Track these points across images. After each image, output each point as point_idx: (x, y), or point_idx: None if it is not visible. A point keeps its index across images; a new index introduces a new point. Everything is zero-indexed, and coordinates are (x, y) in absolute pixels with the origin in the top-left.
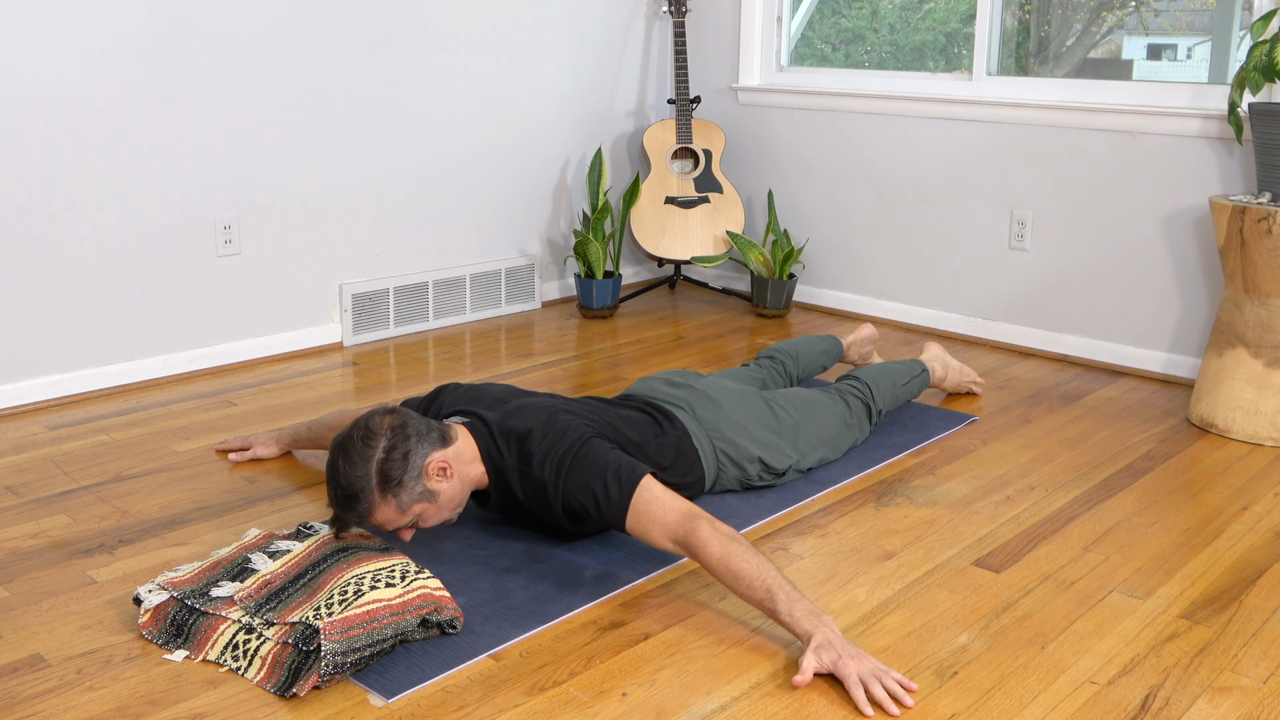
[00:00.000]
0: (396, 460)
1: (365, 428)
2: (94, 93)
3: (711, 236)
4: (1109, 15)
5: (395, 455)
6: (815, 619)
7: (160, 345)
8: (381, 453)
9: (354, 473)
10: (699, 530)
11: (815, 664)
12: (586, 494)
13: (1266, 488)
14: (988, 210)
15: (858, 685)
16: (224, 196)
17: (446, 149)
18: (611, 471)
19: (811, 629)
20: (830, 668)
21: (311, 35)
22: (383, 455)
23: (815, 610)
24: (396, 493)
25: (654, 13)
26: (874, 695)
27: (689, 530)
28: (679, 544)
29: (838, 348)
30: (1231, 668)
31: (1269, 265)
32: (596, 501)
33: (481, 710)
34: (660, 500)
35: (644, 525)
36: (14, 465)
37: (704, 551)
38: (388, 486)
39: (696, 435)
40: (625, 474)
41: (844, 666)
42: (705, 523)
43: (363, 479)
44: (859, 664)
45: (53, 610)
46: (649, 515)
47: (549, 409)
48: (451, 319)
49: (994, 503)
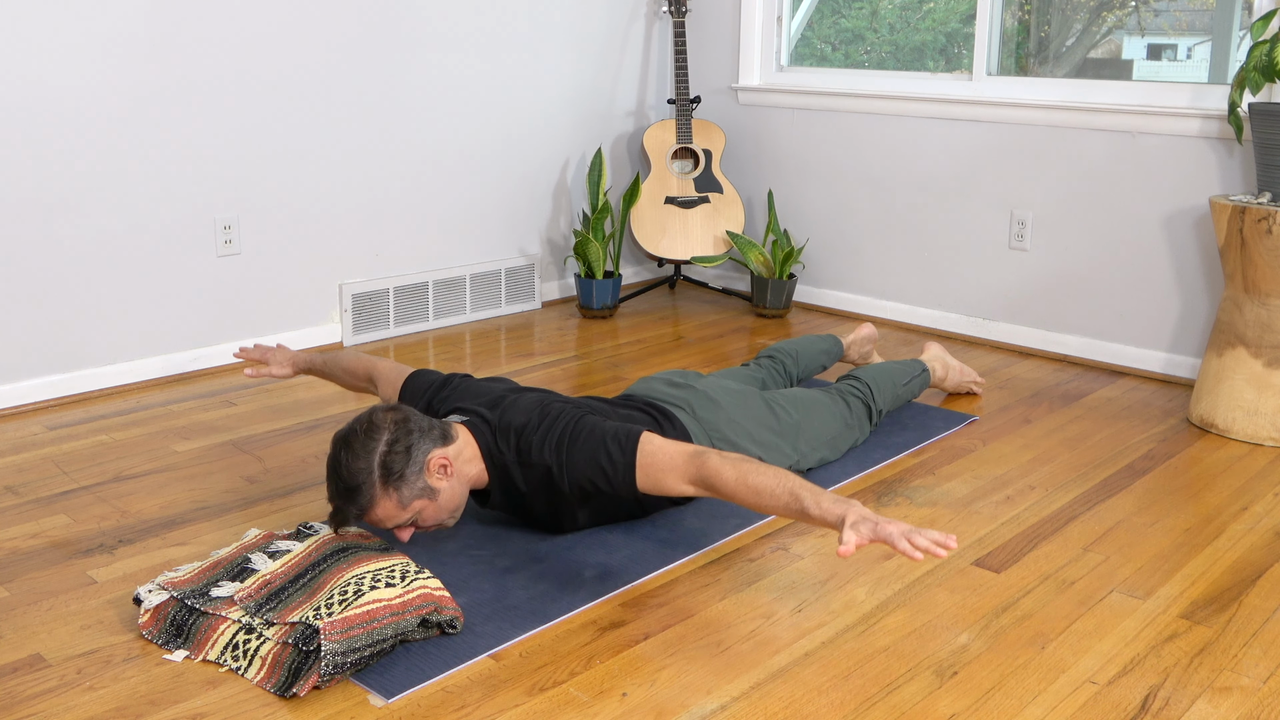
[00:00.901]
0: (399, 454)
1: (368, 422)
2: (94, 93)
3: (711, 236)
4: (1109, 15)
5: (398, 449)
6: (844, 504)
7: (160, 345)
8: (384, 446)
9: (356, 465)
10: (709, 461)
11: (856, 538)
12: (593, 467)
13: (1266, 488)
14: (988, 210)
15: (902, 539)
16: (224, 196)
17: (446, 149)
18: (610, 438)
19: (843, 512)
20: (872, 536)
21: (312, 35)
22: (385, 448)
23: (841, 498)
24: (398, 487)
25: (654, 13)
26: (918, 544)
27: (700, 464)
28: (694, 482)
29: (838, 347)
30: (1231, 668)
31: (1269, 265)
32: (604, 471)
33: (481, 710)
34: (664, 448)
35: (655, 477)
36: (14, 465)
37: (720, 479)
38: (389, 480)
39: (696, 435)
40: (624, 436)
41: (883, 529)
42: (714, 454)
43: (365, 471)
44: (896, 526)
45: (53, 610)
46: (657, 465)
47: (540, 400)
48: (451, 319)
49: (994, 503)
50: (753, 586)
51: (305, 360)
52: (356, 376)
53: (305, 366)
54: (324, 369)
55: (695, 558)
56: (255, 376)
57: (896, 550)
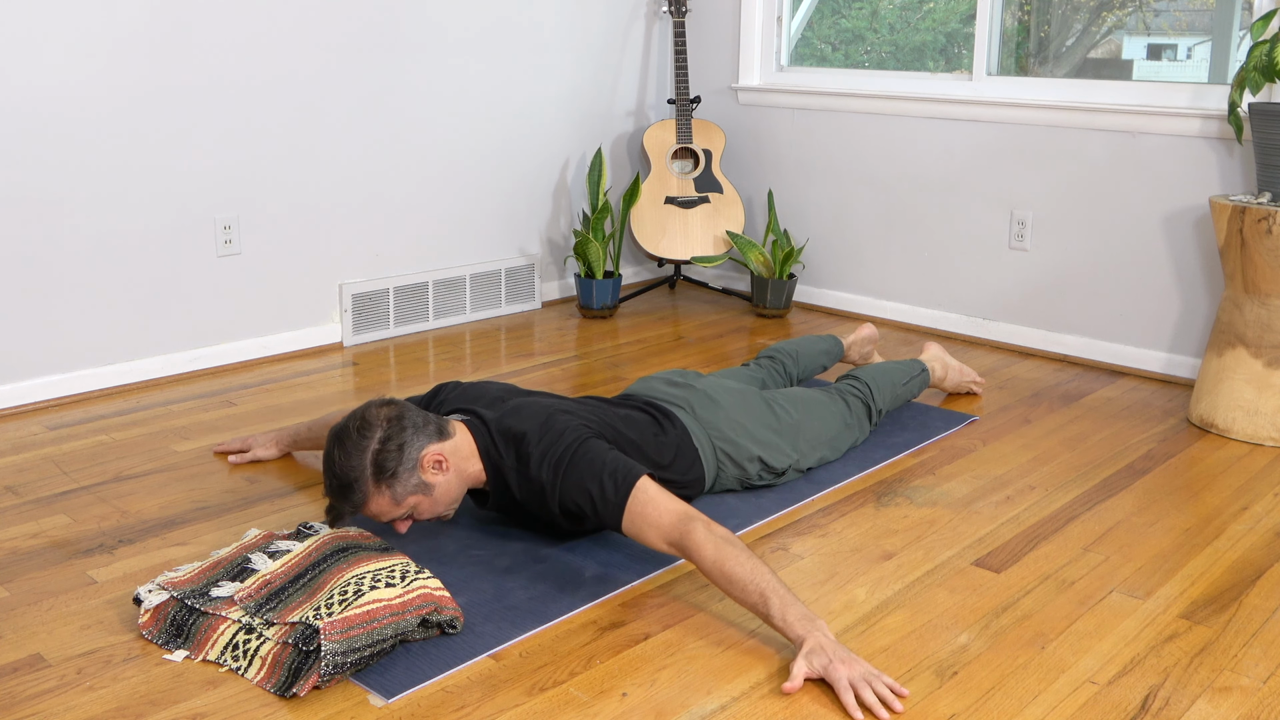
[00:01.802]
0: (391, 451)
1: (362, 418)
2: (94, 92)
3: (711, 236)
4: (1109, 15)
5: (390, 446)
6: (809, 623)
7: (160, 345)
8: (377, 443)
9: (349, 462)
10: (694, 533)
11: (806, 669)
12: (583, 494)
13: (1266, 488)
14: (988, 210)
15: (848, 690)
16: (224, 196)
17: (447, 149)
18: (608, 472)
19: (804, 634)
20: (821, 673)
21: (312, 35)
22: (378, 446)
23: (809, 615)
24: (391, 484)
25: (654, 13)
26: (864, 700)
27: (684, 533)
28: (674, 546)
29: (838, 347)
30: (1231, 668)
31: (1269, 265)
32: (593, 501)
33: (481, 710)
34: (656, 502)
35: (639, 527)
36: (14, 465)
37: (698, 554)
38: (382, 477)
39: (696, 435)
40: (622, 475)
41: (834, 671)
42: (701, 525)
43: (358, 469)
44: (849, 668)
45: (53, 610)
46: (644, 517)
47: (547, 409)
48: (451, 319)
49: (994, 503)
50: None
51: (289, 435)
52: None
53: (290, 441)
54: (310, 436)
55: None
56: (240, 464)
57: (839, 698)
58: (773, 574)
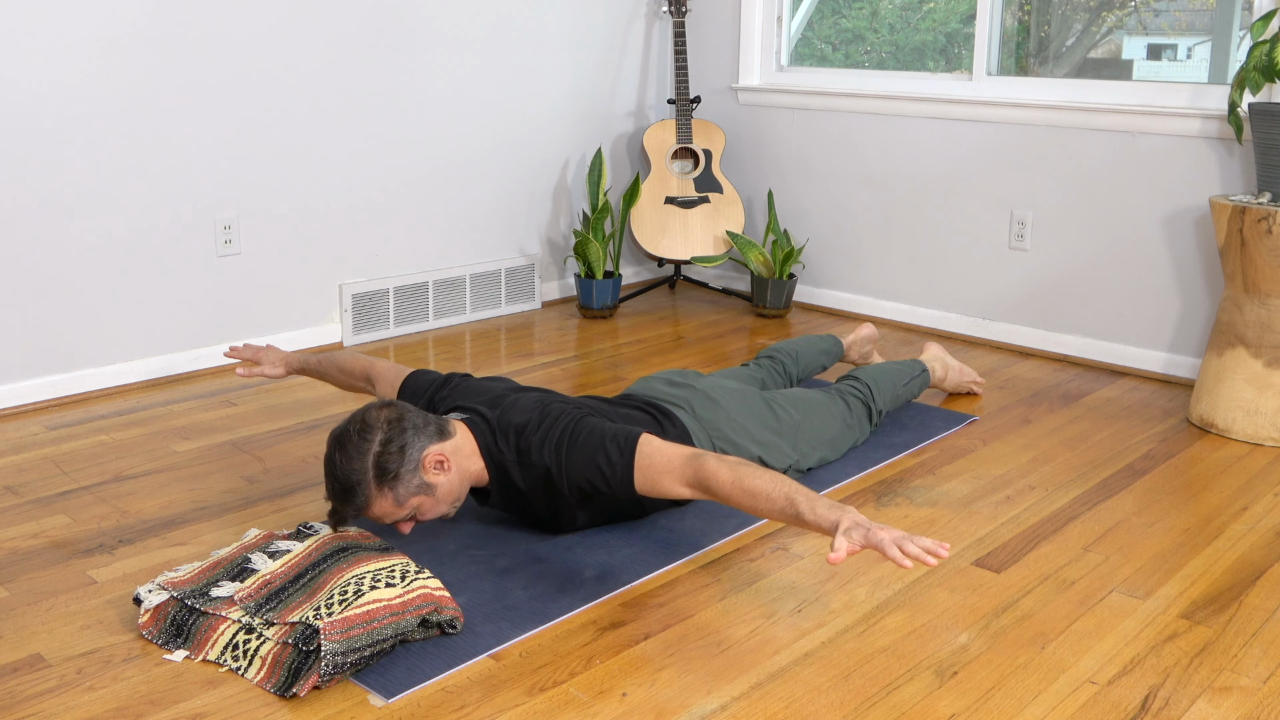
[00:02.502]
0: (393, 453)
1: (362, 421)
2: (94, 92)
3: (711, 236)
4: (1109, 15)
5: (392, 448)
6: (839, 509)
7: (160, 345)
8: (378, 446)
9: (350, 466)
10: (706, 464)
11: (848, 544)
12: (591, 468)
13: (1266, 488)
14: (988, 210)
15: (892, 545)
16: (224, 196)
17: (446, 149)
18: (609, 439)
19: (837, 518)
20: (863, 542)
21: (312, 35)
22: (379, 449)
23: (836, 503)
24: (393, 486)
25: (654, 13)
26: (909, 552)
27: (697, 467)
28: (691, 484)
29: (838, 347)
30: (1231, 668)
31: (1269, 265)
32: (602, 472)
33: (481, 710)
34: (662, 450)
35: (653, 478)
36: (14, 465)
37: (717, 481)
38: (384, 479)
39: (696, 434)
40: (623, 438)
41: (874, 535)
42: (711, 457)
43: (359, 472)
44: (888, 532)
45: (53, 610)
46: (655, 467)
47: (542, 400)
48: (451, 319)
49: (994, 503)
50: (752, 587)
51: (299, 360)
52: (353, 376)
53: (299, 366)
54: (318, 369)
55: (695, 558)
56: (248, 376)
57: (886, 557)
58: (792, 480)
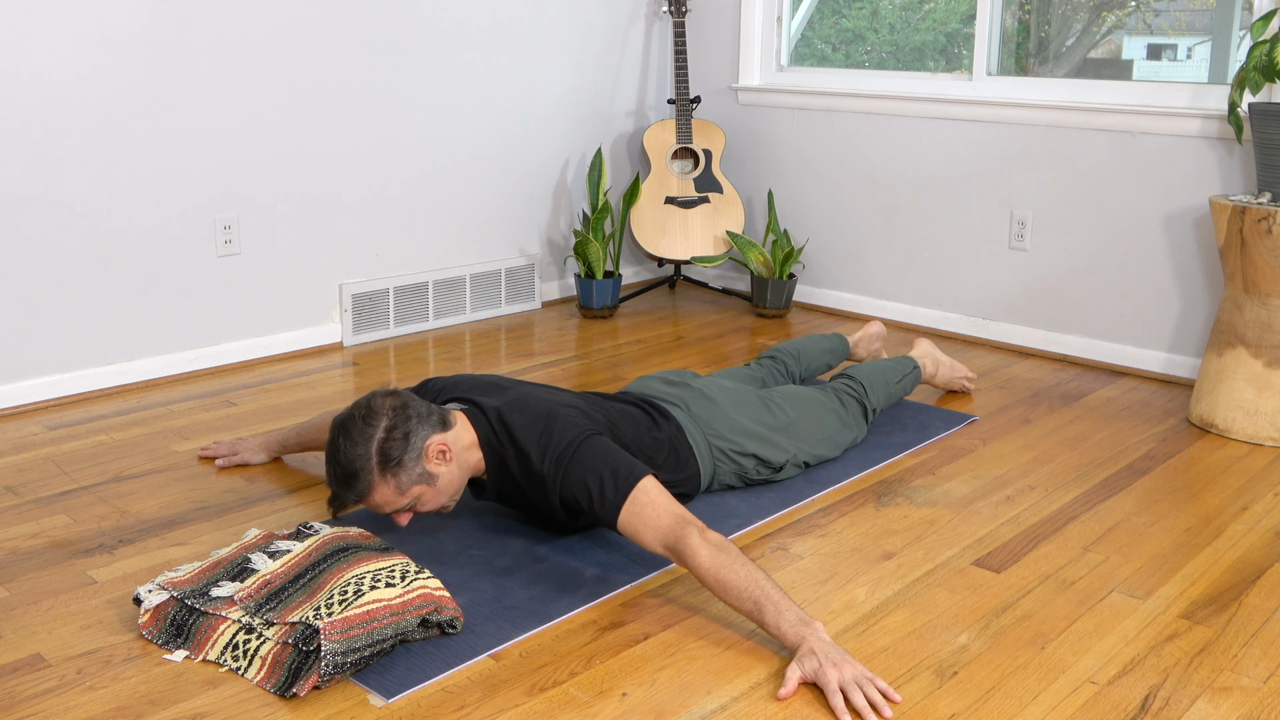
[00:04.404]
0: (397, 440)
1: (367, 407)
2: (94, 92)
3: (711, 236)
4: (1109, 15)
5: (396, 435)
6: (803, 627)
7: (160, 345)
8: (382, 432)
9: (354, 451)
10: (689, 538)
11: (799, 673)
12: (582, 488)
13: (1266, 488)
14: (988, 210)
15: (837, 694)
16: (224, 196)
17: (446, 149)
18: (610, 469)
19: (798, 639)
20: (812, 677)
21: (312, 35)
22: (383, 435)
23: (804, 618)
24: (396, 473)
25: (654, 13)
26: (854, 703)
27: (680, 537)
28: (669, 549)
29: (843, 346)
30: (1231, 668)
31: (1269, 265)
32: (590, 496)
33: (481, 710)
34: (656, 504)
35: (636, 527)
36: (14, 465)
37: (693, 560)
38: (387, 466)
39: (691, 432)
40: (624, 473)
41: (823, 675)
42: (696, 531)
43: (363, 458)
44: (840, 671)
45: (53, 610)
46: (642, 518)
47: (549, 404)
48: (451, 319)
49: (994, 503)
50: None
51: (278, 440)
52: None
53: (279, 447)
54: (299, 440)
55: None
56: (228, 468)
57: (828, 703)
58: (768, 579)
